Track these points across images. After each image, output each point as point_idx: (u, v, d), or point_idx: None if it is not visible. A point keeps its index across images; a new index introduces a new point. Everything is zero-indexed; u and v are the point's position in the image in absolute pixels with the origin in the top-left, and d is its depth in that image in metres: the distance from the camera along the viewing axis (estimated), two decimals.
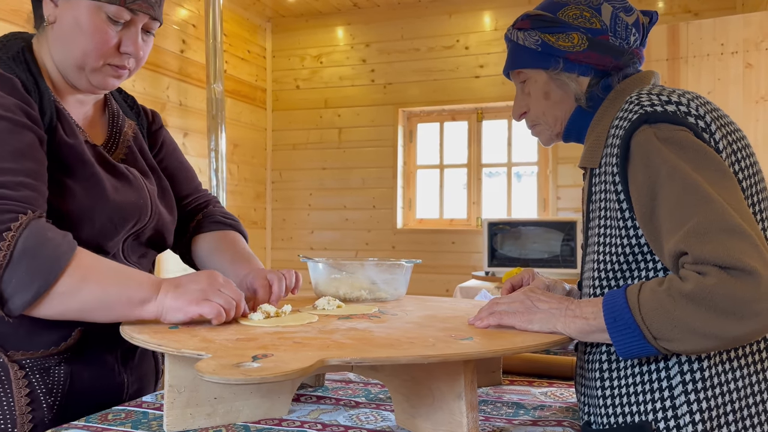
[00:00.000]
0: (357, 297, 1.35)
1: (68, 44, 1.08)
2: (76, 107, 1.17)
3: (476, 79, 4.89)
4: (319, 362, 0.78)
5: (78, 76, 1.11)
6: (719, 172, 0.87)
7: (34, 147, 1.00)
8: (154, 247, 1.26)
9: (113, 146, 1.21)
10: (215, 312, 1.00)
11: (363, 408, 1.06)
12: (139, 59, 1.13)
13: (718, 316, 0.78)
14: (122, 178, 1.15)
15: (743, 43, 3.17)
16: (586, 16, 1.05)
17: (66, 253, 0.94)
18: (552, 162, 4.69)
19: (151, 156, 1.29)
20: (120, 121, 1.24)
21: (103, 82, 1.12)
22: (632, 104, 0.93)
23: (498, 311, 1.01)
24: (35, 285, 0.92)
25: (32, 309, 0.94)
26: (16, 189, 0.94)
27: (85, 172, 1.08)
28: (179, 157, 1.39)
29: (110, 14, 1.06)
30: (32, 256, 0.91)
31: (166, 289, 1.00)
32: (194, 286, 1.02)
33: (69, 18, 1.06)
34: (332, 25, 5.27)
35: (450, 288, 4.83)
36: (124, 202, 1.13)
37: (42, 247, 0.92)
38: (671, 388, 0.90)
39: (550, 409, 1.08)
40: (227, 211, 1.43)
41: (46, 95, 1.07)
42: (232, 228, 1.38)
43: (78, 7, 1.06)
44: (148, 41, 1.14)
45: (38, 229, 0.93)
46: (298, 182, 5.37)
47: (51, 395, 1.07)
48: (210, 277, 1.04)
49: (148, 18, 1.10)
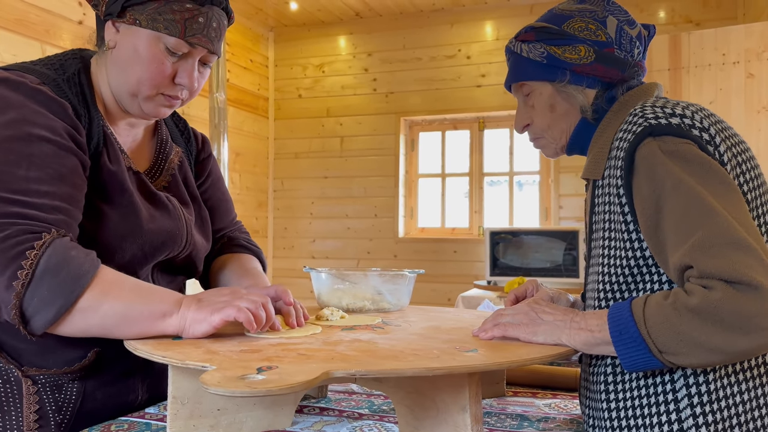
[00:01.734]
0: (360, 307, 1.35)
1: (125, 71, 1.08)
2: (126, 130, 1.18)
3: (478, 88, 4.90)
4: (324, 374, 0.78)
5: (131, 103, 1.11)
6: (724, 185, 0.87)
7: (75, 172, 1.01)
8: (185, 273, 1.26)
9: (157, 173, 1.21)
10: (243, 315, 0.97)
11: (366, 420, 1.06)
12: (192, 91, 1.13)
13: (724, 331, 0.78)
14: (161, 206, 1.15)
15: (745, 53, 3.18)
16: (591, 29, 1.05)
17: (88, 272, 0.94)
18: (554, 171, 4.70)
19: (195, 184, 1.30)
20: (167, 148, 1.25)
21: (155, 110, 1.12)
22: (636, 117, 0.93)
23: (502, 323, 1.00)
24: (57, 303, 0.91)
25: (54, 327, 0.94)
26: (49, 212, 0.95)
27: (123, 199, 1.08)
28: (222, 188, 1.39)
29: (169, 46, 1.06)
30: (54, 275, 0.91)
31: (188, 303, 0.99)
32: (216, 297, 1.00)
33: (128, 45, 1.07)
34: (334, 34, 5.29)
35: (452, 297, 4.82)
36: (159, 232, 1.13)
37: (64, 265, 0.92)
38: (677, 401, 0.89)
39: (554, 421, 1.07)
40: (251, 239, 1.43)
41: (95, 121, 1.08)
42: (251, 253, 1.38)
43: (138, 35, 1.06)
44: (204, 73, 1.14)
45: (61, 248, 0.93)
46: (300, 191, 5.37)
47: (60, 413, 1.07)
48: (233, 290, 1.03)
49: (206, 51, 1.10)
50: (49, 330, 0.94)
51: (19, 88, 1.00)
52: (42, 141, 0.97)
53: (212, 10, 1.09)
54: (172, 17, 1.05)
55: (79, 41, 3.56)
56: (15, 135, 0.96)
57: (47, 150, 0.98)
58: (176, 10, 1.05)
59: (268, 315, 1.01)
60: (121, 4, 1.05)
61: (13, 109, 0.98)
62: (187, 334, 0.98)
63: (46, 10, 3.40)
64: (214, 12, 1.09)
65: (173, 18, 1.05)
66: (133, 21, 1.06)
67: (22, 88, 1.00)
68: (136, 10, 1.05)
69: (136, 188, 1.13)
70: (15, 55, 3.22)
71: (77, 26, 3.58)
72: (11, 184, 0.93)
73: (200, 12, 1.07)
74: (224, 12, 1.12)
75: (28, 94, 1.00)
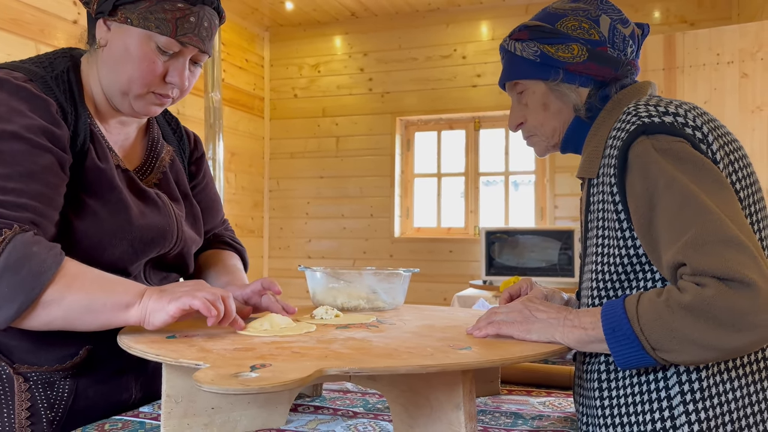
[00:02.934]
0: (355, 306, 1.35)
1: (115, 69, 1.08)
2: (117, 129, 1.18)
3: (473, 88, 4.90)
4: (318, 372, 0.78)
5: (121, 101, 1.11)
6: (717, 183, 0.87)
7: (49, 170, 1.00)
8: (177, 270, 1.26)
9: (148, 171, 1.21)
10: (198, 302, 0.96)
11: (361, 418, 1.06)
12: (183, 89, 1.13)
13: (717, 328, 0.78)
14: (150, 203, 1.15)
15: (739, 53, 3.19)
16: (585, 28, 1.05)
17: (50, 268, 0.93)
18: (549, 171, 4.71)
19: (188, 184, 1.30)
20: (158, 147, 1.25)
21: (145, 108, 1.12)
22: (630, 115, 0.94)
23: (496, 321, 1.01)
24: (18, 300, 0.91)
25: (17, 322, 0.93)
26: (12, 209, 0.94)
27: (112, 196, 1.08)
28: (213, 189, 1.40)
29: (160, 44, 1.06)
30: (15, 272, 0.90)
31: (149, 294, 0.98)
32: (179, 288, 1.00)
33: (119, 44, 1.07)
34: (330, 34, 5.29)
35: (447, 297, 4.82)
36: (149, 228, 1.13)
37: (25, 261, 0.91)
38: (670, 399, 0.90)
39: (548, 419, 1.08)
40: (236, 237, 1.44)
41: (82, 118, 1.08)
42: (234, 250, 1.38)
43: (130, 34, 1.06)
44: (195, 72, 1.14)
45: (21, 244, 0.91)
46: (296, 191, 5.37)
47: (52, 410, 1.06)
48: (197, 282, 1.03)
49: (197, 51, 1.11)
50: (12, 324, 0.93)
51: (2, 86, 1.00)
52: (14, 139, 0.97)
53: (203, 10, 1.09)
54: (164, 16, 1.05)
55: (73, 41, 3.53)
56: None
57: (18, 148, 0.97)
58: (168, 9, 1.05)
59: (226, 308, 0.99)
60: (112, 2, 1.05)
61: None
62: (147, 324, 0.97)
63: (40, 10, 3.40)
64: (205, 11, 1.09)
65: (164, 17, 1.05)
66: (125, 20, 1.06)
67: (5, 86, 1.00)
68: (128, 8, 1.05)
69: (126, 185, 1.12)
70: (9, 54, 3.21)
71: (72, 26, 3.57)
72: None
73: (191, 11, 1.07)
74: (215, 12, 1.13)
75: (10, 91, 1.00)
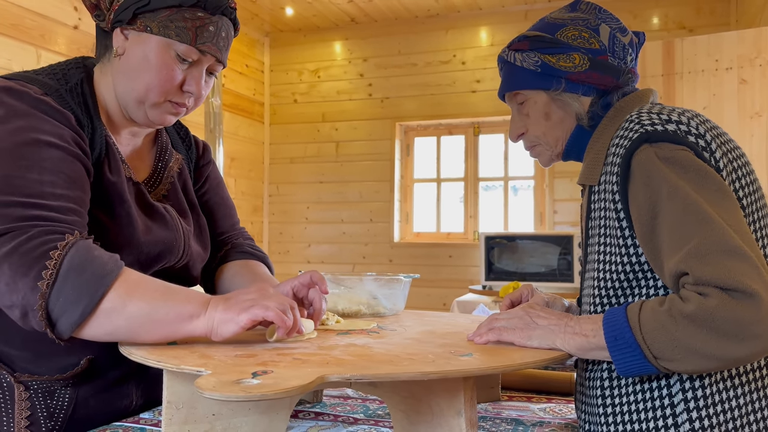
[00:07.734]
0: (356, 312, 1.35)
1: (134, 78, 1.08)
2: (128, 139, 1.18)
3: (473, 93, 4.91)
4: (319, 379, 0.78)
5: (137, 110, 1.11)
6: (720, 192, 0.87)
7: (83, 178, 1.02)
8: (180, 282, 1.26)
9: (156, 182, 1.21)
10: (272, 314, 0.95)
11: (361, 424, 1.06)
12: (198, 98, 1.14)
13: (719, 338, 0.79)
14: (158, 218, 1.15)
15: (737, 60, 3.20)
16: (585, 37, 1.05)
17: (112, 271, 0.93)
18: (548, 176, 4.71)
19: (194, 190, 1.30)
20: (167, 156, 1.25)
21: (161, 117, 1.12)
22: (632, 123, 0.94)
23: (497, 327, 1.01)
24: (82, 303, 0.90)
25: (81, 330, 0.93)
26: (67, 214, 0.95)
27: (121, 210, 1.09)
28: (222, 192, 1.39)
29: (179, 52, 1.07)
30: (78, 274, 0.90)
31: (215, 304, 0.97)
32: (244, 296, 0.99)
33: (138, 52, 1.07)
34: (330, 39, 5.30)
35: (447, 302, 4.82)
36: (155, 243, 1.12)
37: (88, 264, 0.91)
38: (673, 406, 0.90)
39: (549, 425, 1.07)
40: (256, 245, 1.43)
41: (98, 131, 1.09)
42: (258, 258, 1.37)
43: (149, 42, 1.07)
44: (209, 82, 1.15)
45: (84, 248, 0.93)
46: (296, 196, 5.37)
47: (51, 419, 1.06)
48: (260, 288, 1.02)
49: (214, 60, 1.11)
50: (76, 333, 0.93)
51: (23, 98, 1.00)
52: (51, 147, 0.98)
53: (222, 20, 1.10)
54: (184, 25, 1.06)
55: (74, 46, 3.56)
56: (24, 141, 0.96)
57: (57, 155, 0.98)
58: (188, 18, 1.06)
59: (294, 319, 0.99)
60: (132, 11, 1.06)
61: (19, 118, 0.98)
62: (215, 335, 0.96)
63: (41, 15, 3.40)
64: (223, 22, 1.10)
65: (184, 26, 1.06)
66: (144, 28, 1.06)
67: (26, 98, 1.01)
68: (148, 17, 1.06)
69: (134, 199, 1.12)
70: (10, 59, 3.21)
71: (73, 31, 3.58)
72: (26, 188, 0.94)
73: (211, 21, 1.08)
74: (232, 23, 1.14)
75: (32, 104, 1.00)
